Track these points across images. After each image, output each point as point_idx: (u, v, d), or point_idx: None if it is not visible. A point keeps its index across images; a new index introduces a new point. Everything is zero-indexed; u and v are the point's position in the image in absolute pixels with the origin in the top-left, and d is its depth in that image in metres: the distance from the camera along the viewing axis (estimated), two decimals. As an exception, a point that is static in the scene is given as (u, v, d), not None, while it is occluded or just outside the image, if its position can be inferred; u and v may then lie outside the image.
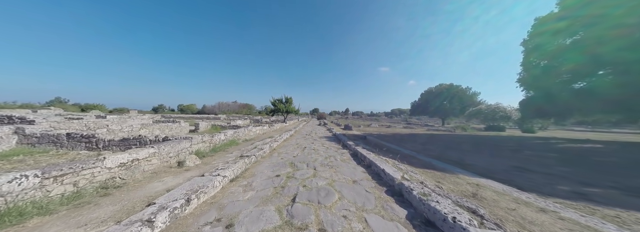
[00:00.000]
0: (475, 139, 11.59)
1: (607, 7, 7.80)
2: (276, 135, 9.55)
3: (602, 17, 7.86)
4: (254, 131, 8.74)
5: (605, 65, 8.01)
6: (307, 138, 9.79)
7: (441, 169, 4.51)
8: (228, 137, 6.10)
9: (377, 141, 9.68)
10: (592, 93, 8.02)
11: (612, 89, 7.64)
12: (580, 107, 8.72)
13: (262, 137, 9.03)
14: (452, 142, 10.26)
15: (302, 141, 8.88)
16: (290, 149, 6.60)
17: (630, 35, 7.13)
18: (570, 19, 8.80)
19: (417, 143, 9.49)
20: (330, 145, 7.85)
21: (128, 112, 37.42)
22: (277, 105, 18.41)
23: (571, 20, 8.66)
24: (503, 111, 19.35)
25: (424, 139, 11.11)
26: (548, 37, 9.86)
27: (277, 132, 11.47)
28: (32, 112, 21.80)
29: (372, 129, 21.90)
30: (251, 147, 6.01)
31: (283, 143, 7.95)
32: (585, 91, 8.24)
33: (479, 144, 9.78)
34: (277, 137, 8.58)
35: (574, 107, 8.90)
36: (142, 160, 2.92)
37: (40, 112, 19.25)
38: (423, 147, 8.12)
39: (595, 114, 8.89)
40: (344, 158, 5.42)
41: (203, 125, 9.79)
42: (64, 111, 27.56)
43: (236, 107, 63.68)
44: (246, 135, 7.71)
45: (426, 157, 5.93)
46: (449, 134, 14.67)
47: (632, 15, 7.11)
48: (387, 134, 14.13)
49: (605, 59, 7.76)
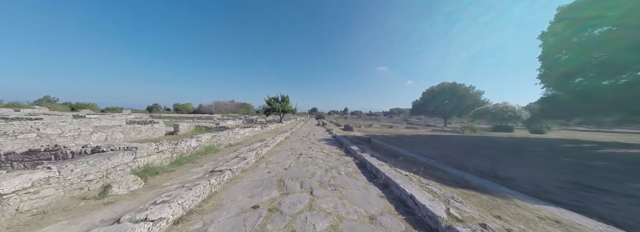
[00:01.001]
0: (491, 142, 10.47)
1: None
2: (269, 138, 8.34)
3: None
4: (242, 134, 7.51)
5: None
6: (304, 141, 8.60)
7: (481, 189, 3.35)
8: (203, 143, 4.88)
9: (384, 145, 8.52)
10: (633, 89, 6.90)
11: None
12: (618, 106, 7.61)
13: (251, 140, 7.83)
14: (467, 145, 9.13)
15: (299, 144, 7.69)
16: (283, 157, 5.41)
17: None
18: (603, 5, 7.69)
19: (429, 147, 8.35)
20: (330, 150, 6.67)
21: (121, 111, 36.10)
22: (272, 104, 17.14)
23: (605, 6, 7.53)
24: (512, 111, 18.32)
25: (436, 142, 9.97)
26: (574, 27, 8.77)
27: (271, 134, 10.26)
28: (14, 111, 20.32)
29: (374, 129, 20.77)
30: (232, 155, 4.81)
31: (275, 148, 6.75)
32: (628, 87, 7.11)
33: (498, 147, 8.66)
34: (269, 141, 7.37)
35: (611, 106, 7.79)
36: (20, 191, 1.72)
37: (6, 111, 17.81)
38: (439, 153, 6.97)
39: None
40: (349, 170, 4.24)
41: (184, 126, 8.54)
42: (49, 110, 26.10)
43: (233, 106, 62.39)
44: (231, 139, 6.49)
45: (451, 168, 4.77)
46: (458, 135, 13.56)
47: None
48: (392, 136, 12.99)
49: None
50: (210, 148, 5.07)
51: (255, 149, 5.79)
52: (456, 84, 32.15)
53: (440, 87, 34.08)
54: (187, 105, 58.88)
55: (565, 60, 9.29)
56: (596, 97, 7.77)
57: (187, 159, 4.06)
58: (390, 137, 12.26)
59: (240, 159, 4.36)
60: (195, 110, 55.65)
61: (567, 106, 8.83)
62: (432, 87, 36.15)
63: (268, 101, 17.39)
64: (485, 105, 22.22)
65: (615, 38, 7.36)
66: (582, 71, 8.58)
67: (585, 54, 8.05)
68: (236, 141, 6.94)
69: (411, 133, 15.54)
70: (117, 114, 24.37)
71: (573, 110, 8.72)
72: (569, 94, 8.61)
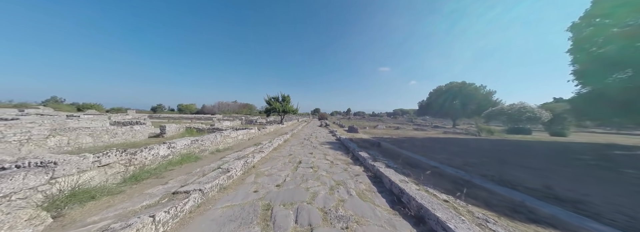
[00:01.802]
0: (519, 147, 9.25)
1: None
2: (266, 141, 7.39)
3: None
4: (234, 137, 6.56)
5: None
6: (304, 145, 7.62)
7: (559, 223, 2.31)
8: (178, 149, 3.93)
9: (396, 150, 7.47)
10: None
11: None
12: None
13: (245, 144, 6.89)
14: (493, 151, 7.96)
15: (299, 149, 6.71)
16: (278, 166, 4.44)
17: None
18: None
19: (449, 152, 7.26)
20: (335, 157, 5.68)
21: (125, 112, 35.92)
22: (272, 104, 16.19)
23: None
24: (531, 112, 16.96)
25: (454, 147, 8.86)
26: (615, 17, 7.58)
27: (269, 137, 9.31)
28: (18, 111, 19.99)
29: (380, 131, 19.68)
30: (215, 165, 3.85)
31: (271, 154, 5.78)
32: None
33: (533, 154, 7.48)
34: (265, 145, 6.41)
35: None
36: None
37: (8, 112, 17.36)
38: (464, 161, 5.89)
39: None
40: (361, 188, 3.24)
41: (173, 128, 7.63)
42: (53, 111, 25.90)
43: (236, 107, 62.04)
44: (219, 143, 5.55)
45: (492, 184, 3.71)
46: (476, 138, 12.38)
47: None
48: (402, 138, 11.90)
49: None
50: (189, 156, 4.13)
51: (245, 156, 4.83)
52: (465, 84, 30.73)
53: (449, 87, 32.68)
54: (191, 106, 58.75)
55: (608, 52, 7.99)
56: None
57: (151, 173, 3.12)
58: (400, 140, 11.18)
59: (221, 172, 3.40)
60: (199, 111, 55.49)
61: (610, 104, 7.61)
62: (440, 87, 34.78)
63: (268, 101, 16.46)
64: (500, 106, 20.82)
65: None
66: (632, 64, 7.25)
67: (633, 45, 6.84)
68: (226, 145, 6.00)
69: (421, 135, 14.42)
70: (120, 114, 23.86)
71: (618, 109, 7.49)
72: (615, 90, 7.41)
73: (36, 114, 16.67)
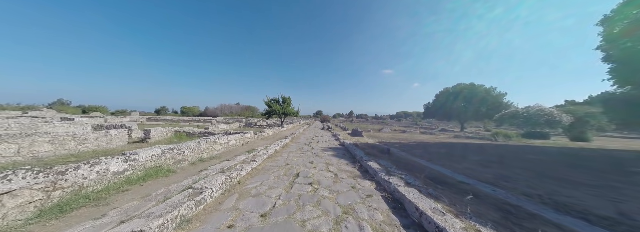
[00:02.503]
0: (549, 154, 8.14)
1: None
2: (261, 147, 6.55)
3: None
4: (223, 143, 5.73)
5: None
6: (304, 151, 6.75)
7: None
8: (142, 162, 3.10)
9: (408, 158, 6.53)
10: None
11: None
12: None
13: (238, 151, 6.06)
14: (524, 160, 6.88)
15: (298, 156, 5.85)
16: (270, 182, 3.58)
17: None
18: None
19: (471, 162, 6.29)
20: (339, 167, 4.80)
21: (129, 114, 35.92)
22: (272, 106, 15.33)
23: None
24: (549, 114, 15.72)
25: (474, 154, 7.86)
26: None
27: (266, 142, 8.48)
28: (22, 113, 19.77)
29: (385, 134, 18.69)
30: (186, 183, 3.02)
31: (265, 163, 4.93)
32: None
33: (572, 164, 6.41)
34: (259, 152, 5.57)
35: None
36: None
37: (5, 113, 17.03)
38: (494, 174, 4.93)
39: None
40: (378, 219, 2.36)
41: (158, 132, 6.82)
42: (57, 113, 25.77)
43: (239, 109, 61.79)
44: (203, 151, 4.73)
45: (554, 212, 2.78)
46: (494, 144, 11.30)
47: None
48: (411, 143, 10.93)
49: None
50: (158, 170, 3.30)
51: (232, 167, 3.97)
52: (475, 85, 29.51)
53: (456, 89, 31.49)
54: (193, 108, 58.70)
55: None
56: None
57: (91, 198, 2.29)
58: (411, 145, 10.22)
59: (190, 194, 2.55)
60: (201, 113, 55.36)
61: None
62: (447, 89, 33.60)
63: (267, 103, 15.61)
64: (513, 108, 19.57)
65: None
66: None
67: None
68: (213, 153, 5.17)
69: (431, 140, 13.40)
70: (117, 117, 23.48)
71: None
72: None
73: (30, 117, 16.25)
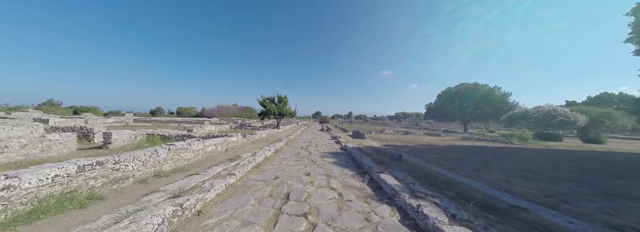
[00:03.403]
0: (586, 160, 6.99)
1: None
2: (249, 153, 5.41)
3: None
4: (196, 149, 4.56)
5: None
6: (301, 158, 5.61)
7: None
8: (31, 191, 1.95)
9: (425, 166, 5.41)
10: None
11: None
12: None
13: (217, 158, 4.92)
14: (564, 169, 5.72)
15: (291, 165, 4.71)
16: (246, 211, 2.43)
17: None
18: None
19: (501, 171, 5.17)
20: (344, 181, 3.67)
21: (123, 115, 34.84)
22: (267, 105, 14.08)
23: None
24: (563, 115, 14.71)
25: (499, 160, 6.74)
26: None
27: (257, 145, 7.33)
28: (5, 114, 18.46)
29: (388, 136, 17.59)
30: (107, 220, 1.90)
31: (247, 177, 3.79)
32: None
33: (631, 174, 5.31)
34: (244, 161, 4.43)
35: None
36: None
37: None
38: (542, 189, 3.82)
39: None
40: None
41: (124, 135, 5.58)
42: (43, 114, 24.47)
43: (236, 110, 60.64)
44: (163, 162, 3.58)
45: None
46: (512, 147, 10.16)
47: None
48: (420, 147, 9.82)
49: None
50: (70, 199, 2.15)
51: (193, 188, 2.82)
52: (478, 85, 28.55)
53: (459, 89, 30.53)
54: (190, 109, 57.42)
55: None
56: None
57: None
58: (420, 149, 9.10)
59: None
60: (198, 114, 54.16)
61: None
62: (449, 89, 32.64)
63: (261, 102, 14.38)
64: (522, 109, 18.58)
65: None
66: None
67: None
68: (181, 163, 4.01)
69: (439, 142, 12.31)
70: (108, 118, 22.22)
71: None
72: None
73: (11, 118, 14.99)
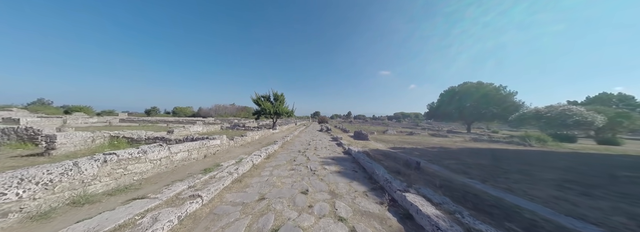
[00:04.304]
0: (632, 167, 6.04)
1: None
2: (233, 160, 4.34)
3: None
4: (156, 159, 3.44)
5: None
6: (297, 165, 4.54)
7: None
8: None
9: (451, 177, 4.34)
10: None
11: None
12: None
13: (191, 168, 3.84)
14: (625, 180, 4.71)
15: (285, 178, 3.63)
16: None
17: None
18: None
19: (544, 182, 4.11)
20: (356, 203, 2.59)
21: (116, 114, 33.89)
22: (261, 104, 12.81)
23: None
24: (579, 115, 13.73)
25: (532, 167, 5.71)
26: None
27: (246, 149, 6.24)
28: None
29: (392, 137, 16.54)
30: None
31: (219, 199, 2.69)
32: None
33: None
34: (222, 172, 3.35)
35: None
36: None
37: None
38: (623, 213, 2.78)
39: None
40: None
41: (76, 139, 4.46)
42: (28, 113, 23.24)
43: (234, 110, 59.52)
44: (97, 178, 2.49)
45: None
46: (536, 150, 9.12)
47: None
48: (432, 150, 8.76)
49: None
50: None
51: (114, 231, 1.74)
52: (483, 84, 27.62)
53: (463, 88, 29.57)
54: (186, 109, 56.20)
55: None
56: None
57: None
58: (433, 153, 8.05)
59: None
60: (195, 114, 52.99)
61: None
62: (452, 88, 31.68)
63: (256, 100, 13.14)
64: (532, 108, 17.60)
65: None
66: None
67: None
68: (131, 179, 2.93)
69: (450, 144, 11.28)
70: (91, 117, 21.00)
71: None
72: None
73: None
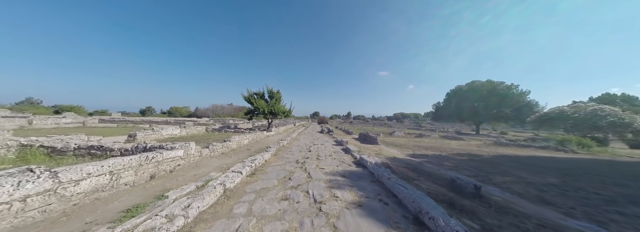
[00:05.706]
0: None
1: None
2: (193, 183, 2.64)
3: None
4: (20, 198, 1.77)
5: None
6: (293, 189, 2.84)
7: None
8: None
9: (542, 216, 2.63)
10: None
11: None
12: None
13: (102, 207, 2.16)
14: None
15: (270, 217, 1.92)
16: None
17: None
18: None
19: None
20: None
21: (110, 114, 32.51)
22: (254, 102, 10.97)
23: None
24: (614, 115, 11.99)
25: (620, 189, 4.02)
26: None
27: (222, 162, 4.53)
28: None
29: (402, 140, 14.83)
30: None
31: None
32: None
33: None
34: (155, 218, 1.66)
35: None
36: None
37: None
38: None
39: None
40: None
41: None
42: (10, 113, 21.57)
43: (231, 110, 57.89)
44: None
45: None
46: (592, 159, 7.24)
47: None
48: (462, 158, 7.05)
49: None
50: None
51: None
52: (493, 82, 26.00)
53: (471, 87, 27.96)
54: (182, 109, 54.46)
55: None
56: None
57: None
58: (469, 163, 6.34)
59: None
60: (191, 114, 51.32)
61: None
62: (460, 87, 30.07)
63: (247, 98, 11.28)
64: (556, 108, 15.89)
65: None
66: None
67: None
68: None
69: (475, 150, 9.58)
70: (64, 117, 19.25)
71: None
72: None
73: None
